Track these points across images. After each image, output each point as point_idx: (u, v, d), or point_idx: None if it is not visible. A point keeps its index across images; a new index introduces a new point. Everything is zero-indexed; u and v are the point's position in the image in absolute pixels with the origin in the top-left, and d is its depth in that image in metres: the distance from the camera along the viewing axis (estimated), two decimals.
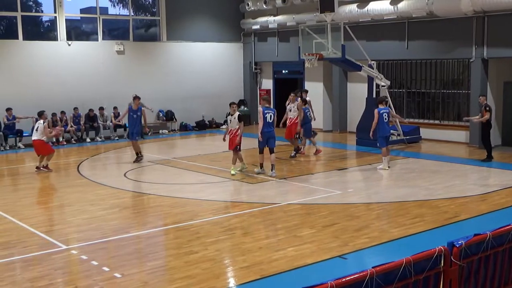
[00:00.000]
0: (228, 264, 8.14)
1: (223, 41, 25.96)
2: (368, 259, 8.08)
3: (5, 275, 7.61)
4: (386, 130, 15.00)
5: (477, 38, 17.93)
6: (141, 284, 7.22)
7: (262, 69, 26.60)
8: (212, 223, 10.11)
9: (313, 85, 24.08)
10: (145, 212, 11.11)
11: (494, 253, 5.05)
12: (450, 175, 14.07)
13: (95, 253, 8.54)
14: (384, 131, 14.85)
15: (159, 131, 24.05)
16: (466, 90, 19.11)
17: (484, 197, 11.73)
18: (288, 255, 8.22)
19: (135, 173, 15.13)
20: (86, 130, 21.78)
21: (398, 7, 19.05)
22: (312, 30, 18.93)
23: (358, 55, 18.86)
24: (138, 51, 23.69)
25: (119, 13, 24.21)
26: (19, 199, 12.47)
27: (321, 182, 13.63)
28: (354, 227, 9.61)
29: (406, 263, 4.27)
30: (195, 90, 24.76)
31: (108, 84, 22.40)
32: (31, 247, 8.83)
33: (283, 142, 18.27)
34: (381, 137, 14.84)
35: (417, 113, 20.88)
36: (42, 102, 20.11)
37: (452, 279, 4.63)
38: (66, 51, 21.86)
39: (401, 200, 11.49)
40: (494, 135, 18.32)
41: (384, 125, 14.85)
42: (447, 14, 18.16)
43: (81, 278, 7.54)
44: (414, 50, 19.88)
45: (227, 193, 12.85)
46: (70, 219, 10.58)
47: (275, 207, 11.18)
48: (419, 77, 20.71)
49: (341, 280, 3.89)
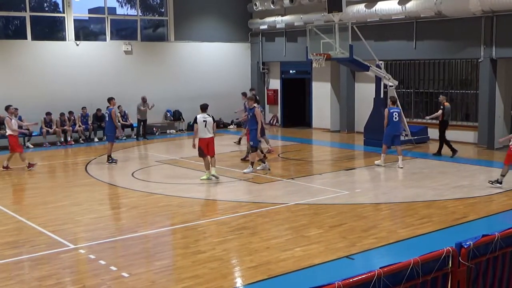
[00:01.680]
0: (236, 264, 8.14)
1: (230, 41, 25.98)
2: (376, 259, 8.06)
3: (14, 274, 7.65)
4: (394, 129, 15.21)
5: (486, 38, 17.85)
6: (149, 283, 7.24)
7: (269, 69, 26.59)
8: (219, 223, 10.12)
9: (320, 85, 24.10)
10: (153, 211, 11.14)
11: (503, 254, 5.02)
12: (458, 176, 14.02)
13: (103, 253, 8.57)
14: (392, 129, 15.15)
15: (167, 131, 24.10)
16: (475, 90, 19.02)
17: (492, 198, 11.68)
18: (296, 255, 8.21)
19: (143, 173, 15.17)
20: (94, 129, 21.85)
21: (406, 7, 19.00)
22: (319, 30, 18.92)
23: (366, 55, 18.82)
24: (146, 51, 23.75)
25: (127, 13, 24.30)
26: (27, 198, 12.54)
27: (328, 182, 13.61)
28: (361, 227, 9.60)
29: (414, 264, 4.25)
30: (203, 90, 24.77)
31: (116, 84, 22.45)
32: (39, 246, 8.87)
33: (289, 142, 18.25)
34: (387, 135, 15.24)
35: (425, 113, 20.77)
36: (50, 101, 20.22)
37: (460, 280, 4.61)
38: (75, 51, 21.95)
39: (409, 201, 11.46)
40: (502, 136, 18.24)
41: (393, 124, 15.16)
42: (456, 14, 18.09)
43: (89, 277, 7.57)
44: (422, 50, 19.81)
45: (234, 193, 12.84)
46: (78, 219, 10.62)
47: (283, 207, 11.18)
48: (427, 77, 20.64)
49: (349, 280, 3.88)
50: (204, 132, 13.50)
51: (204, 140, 13.52)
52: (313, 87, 24.64)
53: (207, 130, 13.51)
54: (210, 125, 13.52)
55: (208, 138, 13.55)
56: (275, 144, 20.85)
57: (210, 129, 13.54)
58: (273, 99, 26.25)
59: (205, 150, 13.56)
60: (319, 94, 24.21)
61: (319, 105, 24.25)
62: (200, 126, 13.46)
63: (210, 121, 13.54)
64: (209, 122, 13.50)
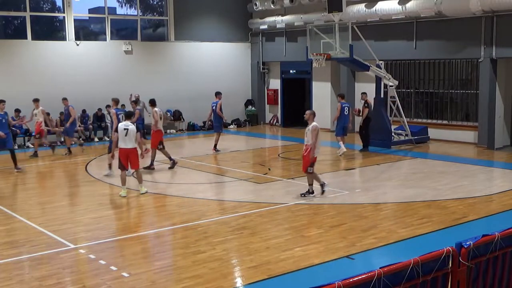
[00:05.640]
0: (236, 264, 8.14)
1: (231, 41, 25.97)
2: (376, 259, 8.06)
3: (14, 274, 7.65)
4: (345, 121, 17.31)
5: (486, 38, 17.85)
6: (149, 283, 7.24)
7: (269, 69, 26.58)
8: (219, 222, 10.12)
9: (321, 85, 24.10)
10: (153, 211, 11.13)
11: (503, 254, 5.02)
12: (458, 176, 14.02)
13: (103, 252, 8.58)
14: (343, 121, 17.25)
15: (167, 131, 24.08)
16: (475, 90, 19.02)
17: (492, 198, 11.68)
18: (296, 255, 8.21)
19: (143, 173, 15.14)
20: (94, 129, 21.86)
21: (406, 6, 18.99)
22: (320, 30, 18.91)
23: (366, 55, 18.82)
24: (146, 51, 23.75)
25: (127, 13, 24.31)
26: (28, 198, 12.54)
27: (328, 182, 13.59)
28: (361, 227, 9.60)
29: (414, 264, 4.25)
30: (203, 90, 24.78)
31: (116, 84, 22.43)
32: (39, 246, 8.87)
33: (288, 142, 18.26)
34: (340, 128, 17.20)
35: (425, 113, 20.81)
36: (50, 101, 20.19)
37: (460, 280, 4.61)
38: (75, 51, 21.95)
39: (409, 201, 11.45)
40: (503, 136, 18.31)
41: (344, 117, 17.27)
42: (456, 14, 18.09)
43: (89, 277, 7.57)
44: (422, 50, 19.81)
45: (234, 193, 12.85)
46: (78, 218, 10.62)
47: (283, 207, 11.18)
48: (427, 77, 20.64)
49: (349, 280, 3.88)
50: (124, 141, 12.12)
51: (124, 151, 12.16)
52: (313, 87, 24.64)
53: (128, 139, 12.11)
54: (131, 134, 12.14)
55: (129, 149, 12.16)
56: (275, 144, 20.85)
57: (132, 138, 12.16)
58: (273, 99, 26.24)
59: (124, 162, 12.24)
60: (319, 94, 24.21)
61: (319, 105, 24.20)
62: (121, 135, 12.14)
63: (133, 129, 12.19)
64: (130, 131, 12.13)
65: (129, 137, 12.11)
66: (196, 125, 24.86)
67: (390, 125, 18.65)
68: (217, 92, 18.71)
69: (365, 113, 17.68)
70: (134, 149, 12.25)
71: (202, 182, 13.75)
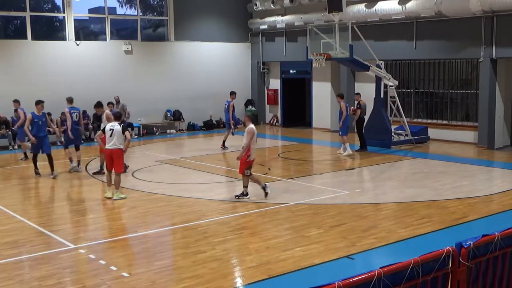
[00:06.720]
0: (236, 263, 8.14)
1: (231, 41, 25.97)
2: (376, 259, 8.06)
3: (14, 274, 7.66)
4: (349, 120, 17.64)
5: (486, 38, 17.85)
6: (149, 283, 7.24)
7: (269, 69, 26.59)
8: (219, 222, 10.12)
9: (320, 85, 24.10)
10: (153, 211, 11.14)
11: (503, 254, 5.02)
12: (458, 176, 14.02)
13: (103, 252, 8.58)
14: (348, 121, 17.45)
15: (167, 131, 24.09)
16: (475, 90, 19.02)
17: (492, 198, 11.68)
18: (296, 255, 8.22)
19: (143, 173, 15.16)
20: (94, 129, 21.83)
21: (406, 6, 18.99)
22: (320, 30, 18.90)
23: (366, 55, 18.81)
24: (146, 51, 23.75)
25: (127, 13, 24.30)
26: (28, 198, 12.53)
27: (328, 182, 13.61)
28: (361, 227, 9.60)
29: (414, 264, 4.25)
30: (203, 90, 24.80)
31: (116, 84, 22.43)
32: (39, 246, 8.88)
33: (288, 142, 18.26)
34: (345, 127, 17.21)
35: (425, 113, 20.81)
36: (50, 101, 20.13)
37: (460, 280, 4.61)
38: (75, 51, 21.94)
39: (409, 201, 11.45)
40: (503, 136, 18.31)
41: (348, 116, 17.46)
42: (456, 14, 18.09)
43: (89, 277, 7.57)
44: (422, 50, 19.81)
45: (234, 193, 12.83)
46: (78, 218, 10.62)
47: (283, 207, 11.18)
48: (427, 77, 20.64)
49: (349, 280, 3.88)
50: (108, 142, 11.89)
51: (108, 151, 11.92)
52: (313, 87, 24.64)
53: (111, 140, 11.83)
54: (117, 135, 11.81)
55: (114, 149, 11.84)
56: (275, 144, 20.85)
57: (117, 139, 11.83)
58: (273, 99, 26.24)
59: (108, 163, 12.07)
60: (319, 94, 24.21)
61: (319, 105, 24.25)
62: (106, 135, 11.93)
63: (118, 130, 11.83)
64: (116, 132, 11.82)
65: (114, 137, 11.83)
66: (196, 125, 24.86)
67: (390, 125, 18.65)
68: (232, 91, 19.22)
69: (357, 114, 17.80)
70: (118, 149, 11.89)
71: (202, 182, 13.75)
